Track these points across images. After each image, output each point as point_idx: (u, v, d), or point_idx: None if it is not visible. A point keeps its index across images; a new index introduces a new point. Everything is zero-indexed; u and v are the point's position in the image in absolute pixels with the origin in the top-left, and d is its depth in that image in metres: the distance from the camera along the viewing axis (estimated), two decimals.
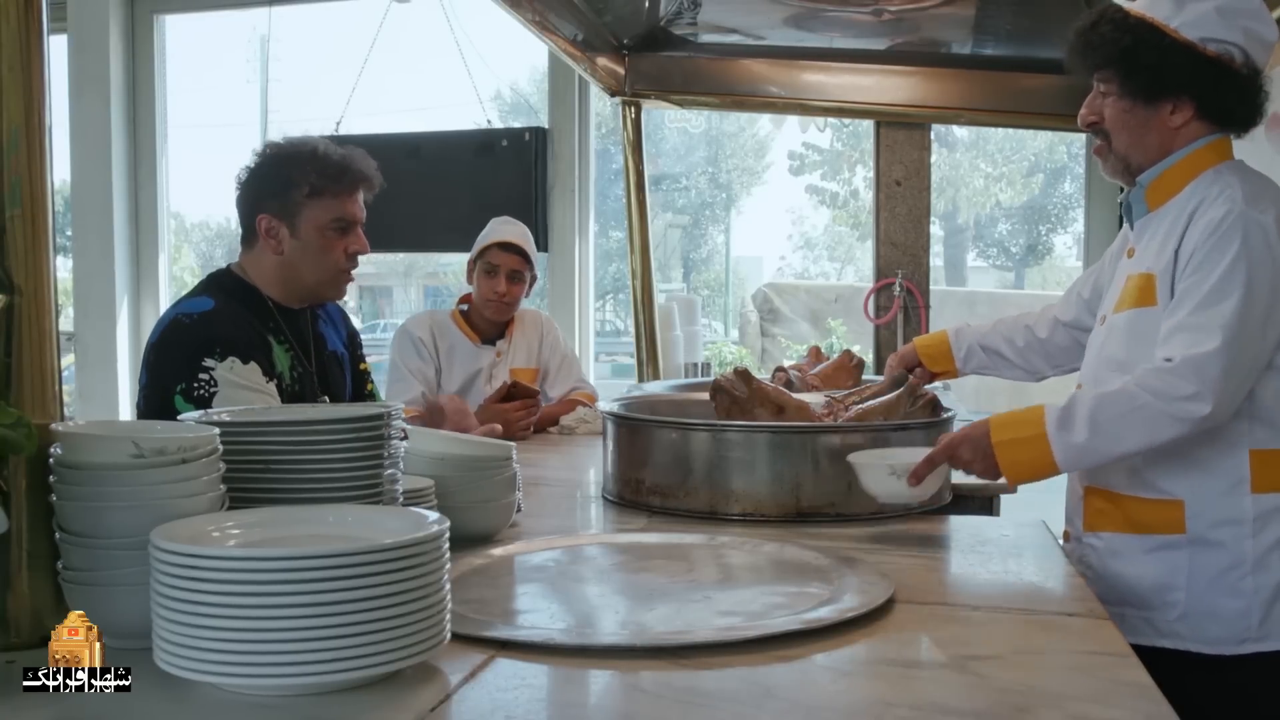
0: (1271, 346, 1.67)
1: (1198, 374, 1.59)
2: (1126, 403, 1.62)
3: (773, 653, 1.13)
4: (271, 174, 2.14)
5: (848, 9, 3.44)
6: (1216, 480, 1.71)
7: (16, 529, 1.10)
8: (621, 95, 4.04)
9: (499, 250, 3.10)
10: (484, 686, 1.04)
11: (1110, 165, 1.86)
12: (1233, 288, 1.62)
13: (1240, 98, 1.76)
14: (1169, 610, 1.73)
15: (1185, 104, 1.76)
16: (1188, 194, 1.75)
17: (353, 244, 2.16)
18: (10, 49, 1.12)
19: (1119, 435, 1.62)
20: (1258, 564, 1.69)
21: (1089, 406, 1.63)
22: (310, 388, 2.19)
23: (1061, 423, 1.63)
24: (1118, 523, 1.79)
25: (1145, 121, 1.78)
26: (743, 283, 21.29)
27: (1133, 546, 1.77)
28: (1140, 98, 1.77)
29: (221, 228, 20.70)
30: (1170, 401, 1.60)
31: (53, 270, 1.16)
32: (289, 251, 2.13)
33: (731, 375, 2.01)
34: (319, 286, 2.18)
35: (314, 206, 2.12)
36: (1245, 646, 1.70)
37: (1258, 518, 1.69)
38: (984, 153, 21.69)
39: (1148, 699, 1.01)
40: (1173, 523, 1.73)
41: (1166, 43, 1.73)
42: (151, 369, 2.05)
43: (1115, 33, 1.76)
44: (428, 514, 1.10)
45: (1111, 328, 1.83)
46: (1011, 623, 1.27)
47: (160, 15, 5.33)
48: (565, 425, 3.01)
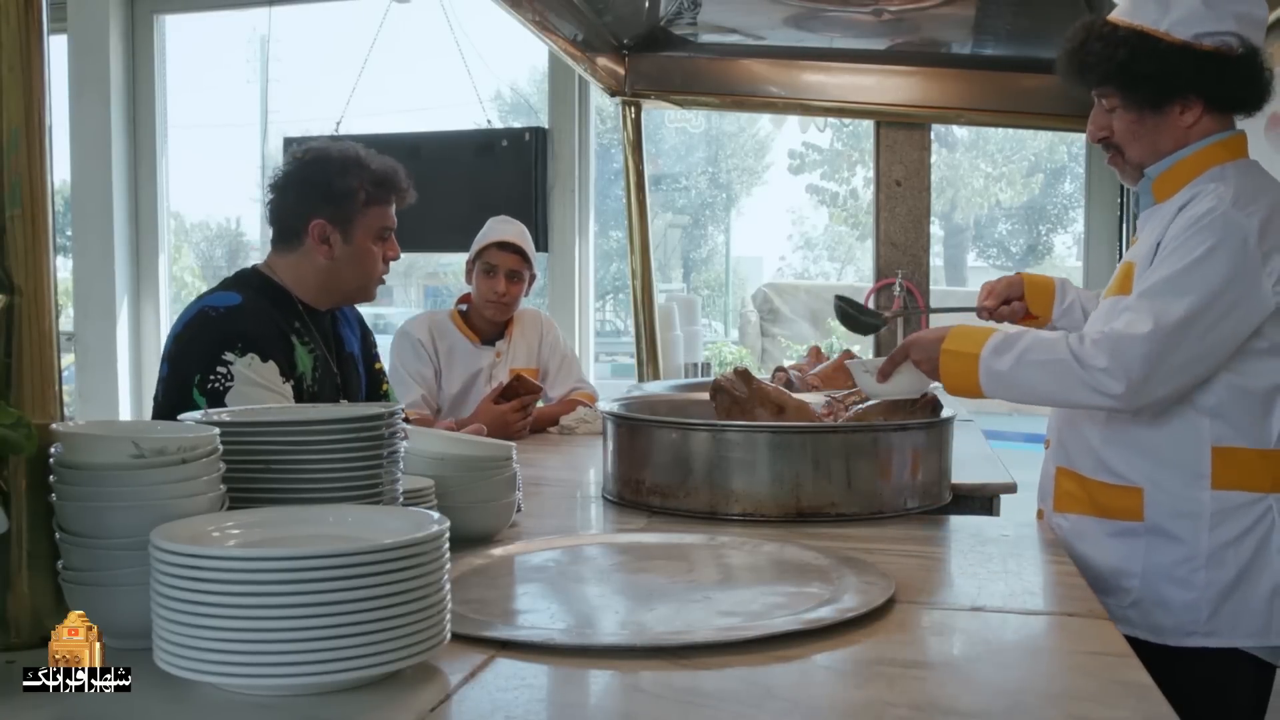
0: (1226, 349, 1.66)
1: (1114, 351, 1.63)
2: (1051, 353, 1.68)
3: (773, 653, 1.13)
4: (326, 179, 2.14)
5: (848, 9, 3.44)
6: (1176, 472, 1.72)
7: (16, 529, 1.10)
8: (621, 95, 4.04)
9: (497, 250, 3.10)
10: (484, 686, 1.04)
11: (1129, 175, 1.86)
12: (1191, 284, 1.63)
13: (1245, 81, 1.74)
14: (1123, 596, 1.75)
15: (1194, 102, 1.75)
16: (1188, 189, 1.75)
17: (390, 251, 2.22)
18: (10, 49, 1.11)
19: (1035, 379, 1.69)
20: (1211, 559, 1.70)
21: (1025, 343, 1.70)
22: (331, 389, 2.21)
23: (997, 349, 1.70)
24: (1083, 505, 1.82)
25: (1156, 128, 1.78)
26: (743, 283, 21.29)
27: (1095, 530, 1.80)
28: (1147, 107, 1.76)
29: (221, 227, 20.69)
30: (1084, 368, 1.65)
31: (53, 270, 1.16)
32: (339, 256, 2.16)
33: (731, 375, 2.01)
34: (357, 291, 2.23)
35: (368, 214, 2.16)
36: (1191, 640, 1.71)
37: (1215, 513, 1.69)
38: (984, 153, 21.68)
39: (1148, 699, 1.01)
40: (1132, 509, 1.75)
41: (1162, 48, 1.71)
42: (172, 360, 2.05)
43: (1107, 49, 1.75)
44: (428, 514, 1.09)
45: (1099, 311, 1.86)
46: (1011, 623, 1.27)
47: (160, 15, 5.33)
48: (565, 425, 3.01)
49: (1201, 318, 1.63)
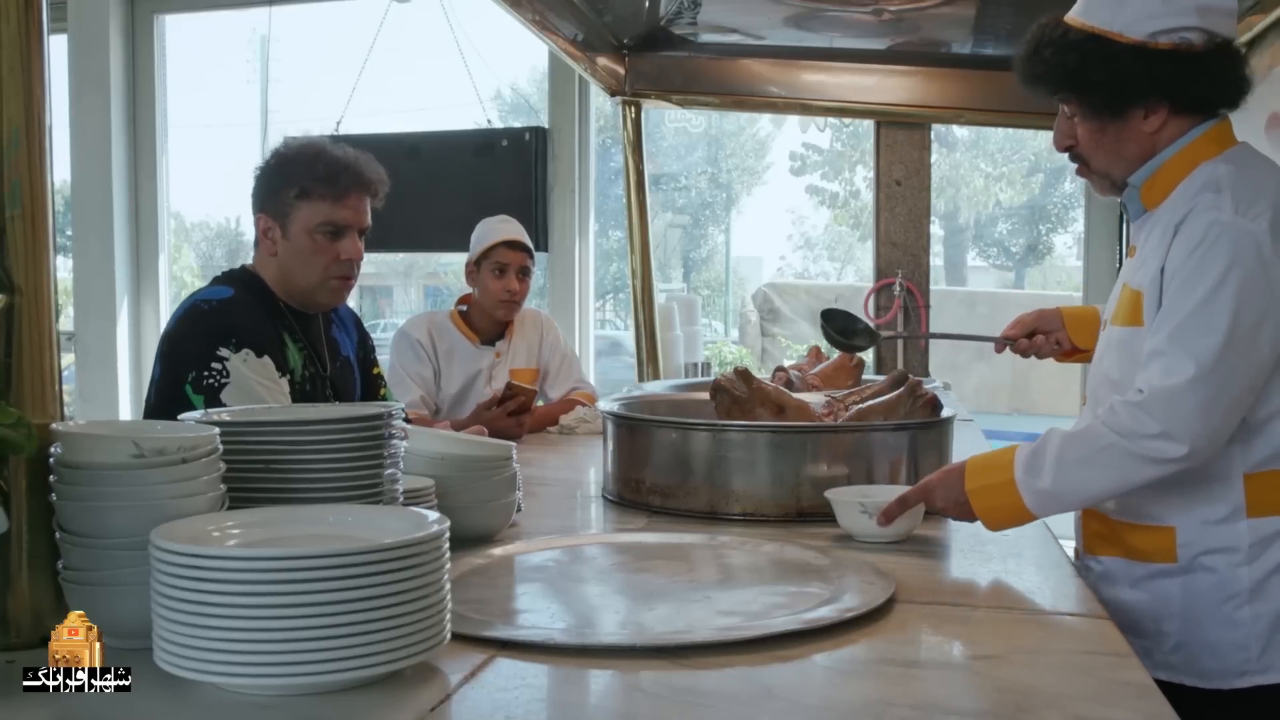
0: (1268, 367, 1.54)
1: (1165, 410, 1.48)
2: (1091, 443, 1.53)
3: (773, 653, 1.13)
4: (271, 174, 2.14)
5: (848, 9, 3.44)
6: (1209, 508, 1.61)
7: (16, 529, 1.10)
8: (621, 95, 4.04)
9: (505, 249, 3.10)
10: (484, 686, 1.04)
11: (1097, 185, 1.76)
12: (1218, 311, 1.50)
13: (1212, 80, 1.61)
14: (1163, 640, 1.64)
15: (1156, 106, 1.63)
16: (1179, 194, 1.62)
17: (345, 250, 2.12)
18: (10, 49, 1.11)
19: (1086, 479, 1.54)
20: (1254, 592, 1.59)
21: (1056, 449, 1.53)
22: (321, 390, 2.19)
23: (1029, 467, 1.54)
24: (1113, 546, 1.71)
25: (1119, 135, 1.66)
26: (743, 283, 21.29)
27: (1126, 573, 1.69)
28: (1106, 114, 1.65)
29: (221, 227, 20.69)
30: (1136, 440, 1.49)
31: (53, 270, 1.16)
32: (281, 253, 2.13)
33: (731, 375, 2.01)
34: (311, 290, 2.16)
35: (303, 209, 2.10)
36: (1245, 680, 1.60)
37: (1254, 544, 1.59)
38: (984, 153, 21.69)
39: (1148, 699, 1.01)
40: (1164, 550, 1.64)
41: (1115, 50, 1.60)
42: (165, 359, 2.03)
43: (1058, 55, 1.65)
44: (428, 514, 1.09)
45: (1109, 341, 1.74)
46: (1011, 623, 1.27)
47: (160, 15, 5.32)
48: (565, 425, 3.01)
49: (1239, 343, 1.50)
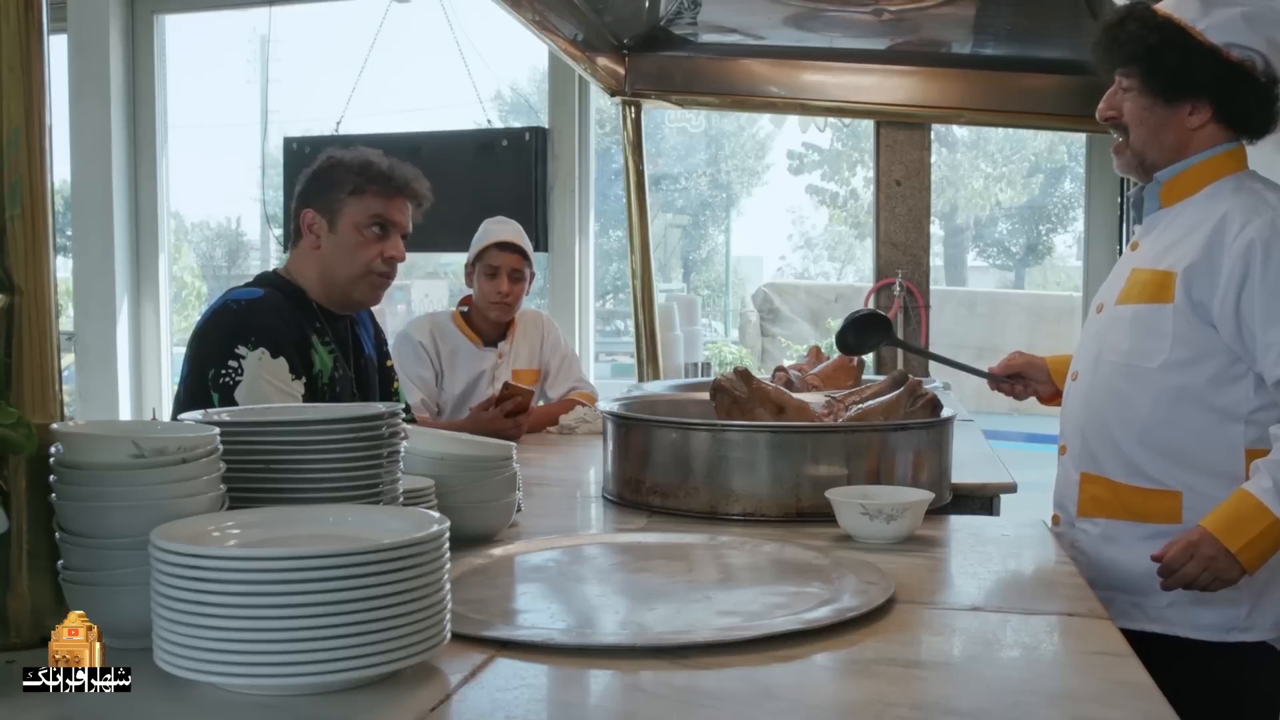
0: None
1: None
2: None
3: (773, 653, 1.13)
4: (323, 174, 2.20)
5: (848, 9, 3.44)
6: (1214, 478, 1.75)
7: (16, 529, 1.10)
8: (621, 95, 4.04)
9: (498, 251, 3.10)
10: (484, 686, 1.04)
11: (1125, 160, 1.90)
12: None
13: (1258, 104, 1.80)
14: (1160, 596, 1.77)
15: (1204, 106, 1.80)
16: (1208, 199, 1.80)
17: (389, 248, 2.19)
18: (10, 49, 1.11)
19: None
20: None
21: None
22: (348, 391, 2.22)
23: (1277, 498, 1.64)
24: (1115, 509, 1.84)
25: (1164, 120, 1.82)
26: (743, 283, 21.30)
27: (1129, 533, 1.82)
28: (1160, 96, 1.81)
29: (222, 227, 20.69)
30: None
31: (53, 270, 1.16)
32: (325, 247, 2.17)
33: (731, 375, 2.01)
34: (350, 285, 2.20)
35: (354, 204, 2.16)
36: (1231, 635, 1.77)
37: None
38: (984, 153, 21.69)
39: (1148, 699, 1.01)
40: (1169, 512, 1.78)
41: (1191, 44, 1.76)
42: (193, 356, 2.07)
43: (1142, 30, 1.80)
44: (428, 514, 1.09)
45: (1115, 318, 1.87)
46: (1011, 623, 1.27)
47: (160, 15, 5.32)
48: (565, 425, 3.01)
49: None
